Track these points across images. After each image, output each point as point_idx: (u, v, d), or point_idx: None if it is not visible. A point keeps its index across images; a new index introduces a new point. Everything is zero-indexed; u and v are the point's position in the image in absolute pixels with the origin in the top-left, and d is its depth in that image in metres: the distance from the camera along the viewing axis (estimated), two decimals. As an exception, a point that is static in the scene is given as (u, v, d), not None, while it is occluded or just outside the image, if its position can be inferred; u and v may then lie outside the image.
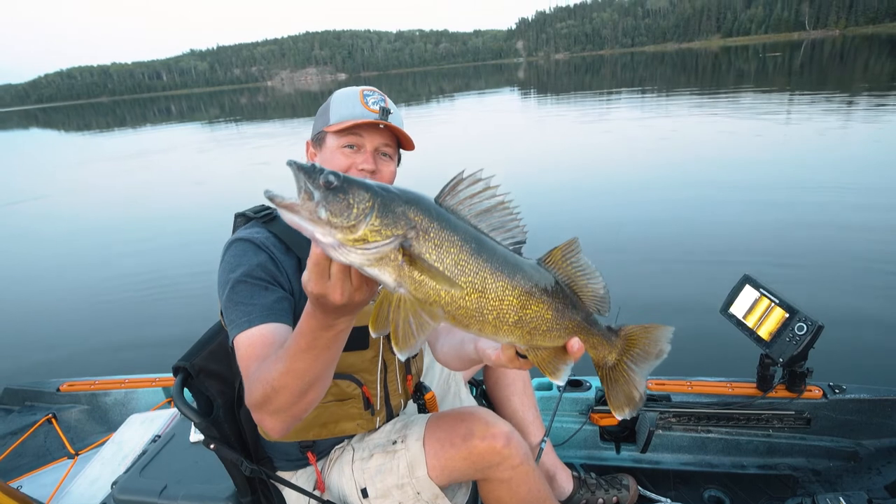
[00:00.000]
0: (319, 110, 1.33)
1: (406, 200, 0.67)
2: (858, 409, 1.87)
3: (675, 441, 2.08)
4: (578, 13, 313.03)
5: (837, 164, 7.38)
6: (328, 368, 0.91)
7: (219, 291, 1.18)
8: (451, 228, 0.68)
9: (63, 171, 16.19)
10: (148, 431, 2.21)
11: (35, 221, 9.06)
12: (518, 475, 1.32)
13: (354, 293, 0.71)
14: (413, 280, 0.66)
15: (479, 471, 1.31)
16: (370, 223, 0.63)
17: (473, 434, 1.28)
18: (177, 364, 1.32)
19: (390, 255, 0.65)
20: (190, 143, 21.15)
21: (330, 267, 0.68)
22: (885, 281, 3.79)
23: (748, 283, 1.92)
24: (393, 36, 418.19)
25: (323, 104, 1.33)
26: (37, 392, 2.72)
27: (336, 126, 1.25)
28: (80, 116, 68.78)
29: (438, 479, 1.30)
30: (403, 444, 1.33)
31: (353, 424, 1.37)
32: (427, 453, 1.30)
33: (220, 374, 1.36)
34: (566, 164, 9.13)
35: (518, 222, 0.75)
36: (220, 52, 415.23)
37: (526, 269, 0.74)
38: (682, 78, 32.20)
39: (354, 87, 1.32)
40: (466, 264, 0.68)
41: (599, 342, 0.84)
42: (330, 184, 0.63)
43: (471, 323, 0.72)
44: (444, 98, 33.56)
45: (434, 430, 1.33)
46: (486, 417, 1.32)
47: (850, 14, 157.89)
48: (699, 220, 5.53)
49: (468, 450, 1.27)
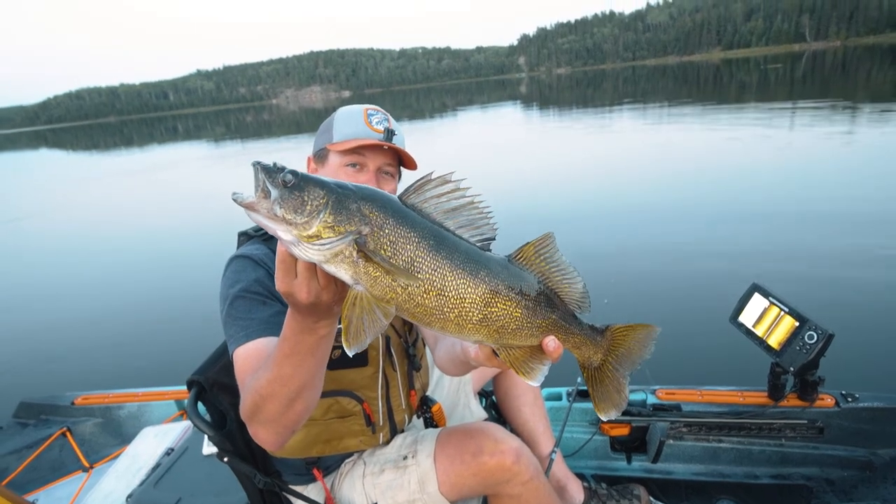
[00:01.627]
0: (322, 126, 1.33)
1: (362, 197, 0.67)
2: (872, 418, 1.84)
3: (686, 451, 2.06)
4: (579, 28, 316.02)
5: (845, 172, 7.39)
6: (314, 377, 0.90)
7: (220, 306, 1.20)
8: (408, 225, 0.67)
9: (76, 186, 16.41)
10: (161, 444, 2.22)
11: (48, 237, 9.19)
12: (528, 491, 1.32)
13: (321, 292, 0.71)
14: (369, 276, 0.66)
15: (489, 487, 1.31)
16: (323, 219, 0.64)
17: (483, 450, 1.28)
18: (191, 378, 1.33)
19: (345, 251, 0.65)
20: (198, 159, 21.40)
21: (296, 265, 0.69)
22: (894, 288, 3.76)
23: (757, 292, 1.90)
24: (396, 53, 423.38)
25: (326, 120, 1.34)
26: (52, 406, 2.75)
27: (340, 145, 1.26)
28: (89, 136, 69.76)
29: (449, 494, 1.30)
30: (414, 459, 1.33)
31: (356, 441, 1.37)
32: (438, 469, 1.30)
33: (233, 387, 1.36)
34: (571, 176, 9.16)
35: (488, 220, 0.73)
36: (225, 71, 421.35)
37: (491, 265, 0.72)
38: (685, 90, 32.35)
39: (358, 106, 1.33)
40: (423, 261, 0.67)
41: (583, 342, 0.81)
42: (287, 182, 0.65)
43: (432, 321, 0.71)
44: (447, 113, 33.83)
45: (444, 447, 1.33)
46: (495, 434, 1.32)
47: (851, 25, 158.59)
48: (707, 229, 5.53)
49: (478, 466, 1.28)
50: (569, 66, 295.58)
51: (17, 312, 5.61)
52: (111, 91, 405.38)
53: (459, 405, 1.76)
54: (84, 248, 8.21)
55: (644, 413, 2.03)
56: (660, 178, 8.13)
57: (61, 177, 20.80)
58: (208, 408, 1.34)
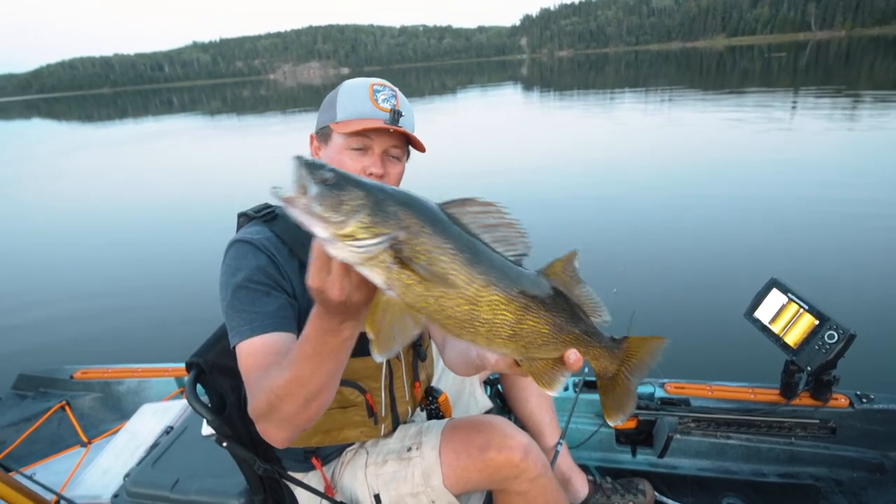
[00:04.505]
0: (325, 102, 1.24)
1: (400, 202, 0.65)
2: (887, 420, 1.80)
3: (693, 446, 2.02)
4: (583, 10, 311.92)
5: (857, 166, 7.27)
6: (333, 378, 0.89)
7: (220, 294, 1.13)
8: (445, 234, 0.66)
9: (73, 156, 16.17)
10: (160, 422, 2.20)
11: (53, 209, 9.03)
12: (535, 488, 1.28)
13: (353, 292, 0.70)
14: (402, 283, 0.65)
15: (495, 482, 1.27)
16: (360, 220, 0.63)
17: (490, 445, 1.23)
18: (190, 360, 1.28)
19: (379, 255, 0.64)
20: (198, 132, 21.11)
21: (330, 262, 0.68)
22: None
23: (775, 287, 1.83)
24: (396, 31, 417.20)
25: (329, 95, 1.24)
26: (51, 379, 2.72)
27: (343, 126, 1.17)
28: (82, 107, 68.75)
29: (453, 488, 1.26)
30: (419, 451, 1.29)
31: (357, 432, 1.33)
32: (443, 462, 1.26)
33: (233, 370, 1.32)
34: (578, 162, 9.05)
35: (524, 238, 0.72)
36: (222, 44, 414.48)
37: (525, 282, 0.71)
38: (688, 77, 32.05)
39: (364, 80, 1.23)
40: (459, 273, 0.66)
41: (601, 353, 0.82)
42: (327, 179, 0.64)
43: (462, 333, 0.70)
44: (446, 93, 33.43)
45: (450, 440, 1.29)
46: (503, 429, 1.27)
47: (857, 15, 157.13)
48: (723, 220, 5.42)
49: (484, 462, 1.23)
50: (571, 48, 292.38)
51: (17, 282, 5.54)
52: (105, 61, 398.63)
53: (465, 394, 1.72)
54: (89, 220, 8.06)
55: (652, 407, 1.99)
56: (669, 166, 8.01)
57: (58, 146, 20.47)
58: (207, 390, 1.30)
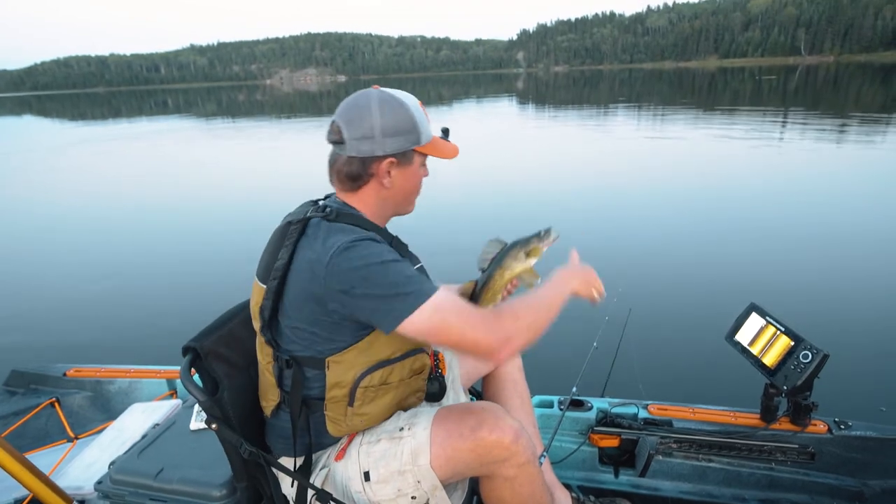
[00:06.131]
0: (396, 122, 1.21)
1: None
2: (864, 447, 1.83)
3: (674, 468, 2.03)
4: (579, 27, 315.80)
5: (846, 189, 7.43)
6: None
7: (370, 279, 1.12)
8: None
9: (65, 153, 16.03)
10: (149, 420, 2.19)
11: (50, 207, 8.94)
12: (522, 475, 1.30)
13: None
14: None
15: (484, 465, 1.29)
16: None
17: (483, 425, 1.25)
18: (187, 344, 1.31)
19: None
20: (191, 133, 21.03)
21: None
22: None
23: (755, 311, 1.91)
24: (394, 41, 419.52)
25: (393, 112, 1.21)
26: (43, 376, 2.72)
27: (431, 150, 1.28)
28: (76, 106, 68.22)
29: (441, 469, 1.27)
30: (410, 431, 1.31)
31: (415, 398, 1.40)
32: (433, 441, 1.27)
33: (228, 358, 1.38)
34: (563, 177, 9.15)
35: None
36: (220, 48, 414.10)
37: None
38: (679, 95, 32.52)
39: (411, 98, 1.26)
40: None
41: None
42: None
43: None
44: (442, 105, 33.63)
45: (443, 421, 1.31)
46: (496, 412, 1.30)
47: (845, 42, 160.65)
48: (706, 241, 5.48)
49: (475, 441, 1.24)
50: (567, 64, 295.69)
51: (14, 279, 5.49)
52: (100, 60, 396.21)
53: (449, 399, 1.74)
54: (91, 217, 8.00)
55: (635, 426, 2.01)
56: (654, 187, 8.11)
57: (49, 143, 20.29)
58: (201, 375, 1.33)
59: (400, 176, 1.26)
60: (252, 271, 1.30)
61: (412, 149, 1.24)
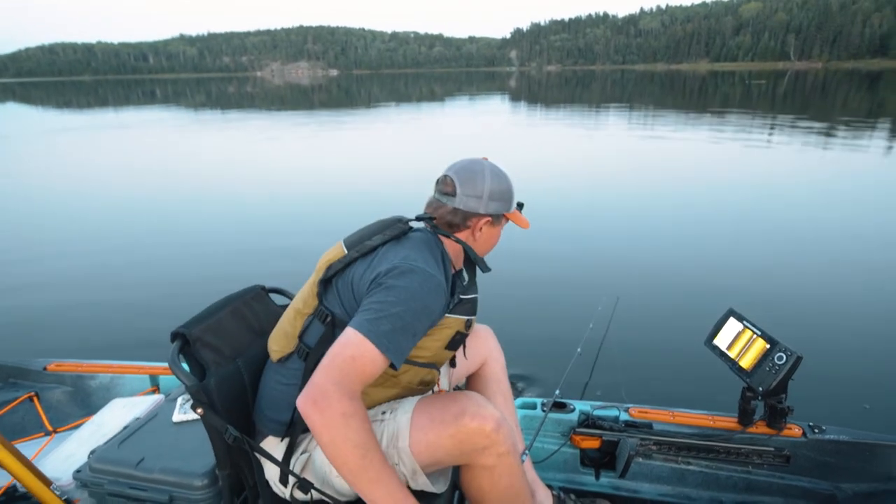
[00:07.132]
0: (500, 192, 1.43)
1: None
2: (837, 451, 1.86)
3: (654, 470, 2.06)
4: (572, 27, 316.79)
5: (829, 194, 7.52)
6: None
7: (380, 291, 1.23)
8: None
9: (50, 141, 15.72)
10: (129, 414, 2.16)
11: (29, 197, 8.75)
12: (502, 464, 1.32)
13: None
14: None
15: (464, 454, 1.30)
16: None
17: (465, 412, 1.27)
18: (176, 330, 1.33)
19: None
20: (179, 123, 20.76)
21: None
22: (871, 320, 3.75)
23: (732, 316, 1.95)
24: (387, 36, 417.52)
25: (500, 184, 1.43)
26: (22, 369, 2.66)
27: (514, 216, 1.49)
28: (61, 94, 67.02)
29: (421, 455, 1.29)
30: (391, 415, 1.34)
31: None
32: (414, 426, 1.30)
33: (216, 346, 1.41)
34: (545, 181, 9.16)
35: None
36: (210, 38, 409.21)
37: None
38: (670, 98, 32.75)
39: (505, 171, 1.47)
40: None
41: None
42: None
43: None
44: (434, 101, 33.56)
45: (426, 407, 1.33)
46: (479, 400, 1.32)
47: (833, 48, 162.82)
48: (687, 247, 5.49)
49: (457, 427, 1.26)
50: (559, 63, 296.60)
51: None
52: (87, 48, 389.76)
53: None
54: (83, 210, 7.79)
55: (616, 428, 2.03)
56: (637, 192, 8.11)
57: (32, 128, 19.91)
58: (189, 361, 1.35)
59: (488, 232, 1.46)
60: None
61: (503, 214, 1.45)
